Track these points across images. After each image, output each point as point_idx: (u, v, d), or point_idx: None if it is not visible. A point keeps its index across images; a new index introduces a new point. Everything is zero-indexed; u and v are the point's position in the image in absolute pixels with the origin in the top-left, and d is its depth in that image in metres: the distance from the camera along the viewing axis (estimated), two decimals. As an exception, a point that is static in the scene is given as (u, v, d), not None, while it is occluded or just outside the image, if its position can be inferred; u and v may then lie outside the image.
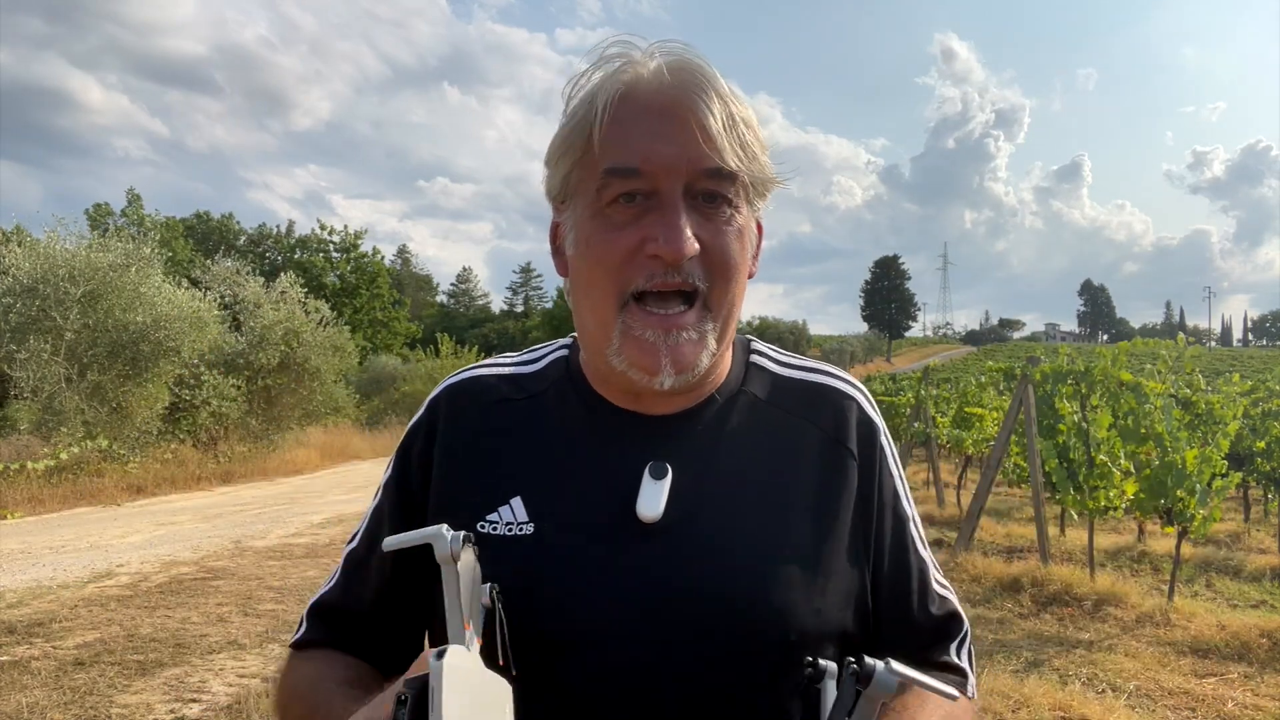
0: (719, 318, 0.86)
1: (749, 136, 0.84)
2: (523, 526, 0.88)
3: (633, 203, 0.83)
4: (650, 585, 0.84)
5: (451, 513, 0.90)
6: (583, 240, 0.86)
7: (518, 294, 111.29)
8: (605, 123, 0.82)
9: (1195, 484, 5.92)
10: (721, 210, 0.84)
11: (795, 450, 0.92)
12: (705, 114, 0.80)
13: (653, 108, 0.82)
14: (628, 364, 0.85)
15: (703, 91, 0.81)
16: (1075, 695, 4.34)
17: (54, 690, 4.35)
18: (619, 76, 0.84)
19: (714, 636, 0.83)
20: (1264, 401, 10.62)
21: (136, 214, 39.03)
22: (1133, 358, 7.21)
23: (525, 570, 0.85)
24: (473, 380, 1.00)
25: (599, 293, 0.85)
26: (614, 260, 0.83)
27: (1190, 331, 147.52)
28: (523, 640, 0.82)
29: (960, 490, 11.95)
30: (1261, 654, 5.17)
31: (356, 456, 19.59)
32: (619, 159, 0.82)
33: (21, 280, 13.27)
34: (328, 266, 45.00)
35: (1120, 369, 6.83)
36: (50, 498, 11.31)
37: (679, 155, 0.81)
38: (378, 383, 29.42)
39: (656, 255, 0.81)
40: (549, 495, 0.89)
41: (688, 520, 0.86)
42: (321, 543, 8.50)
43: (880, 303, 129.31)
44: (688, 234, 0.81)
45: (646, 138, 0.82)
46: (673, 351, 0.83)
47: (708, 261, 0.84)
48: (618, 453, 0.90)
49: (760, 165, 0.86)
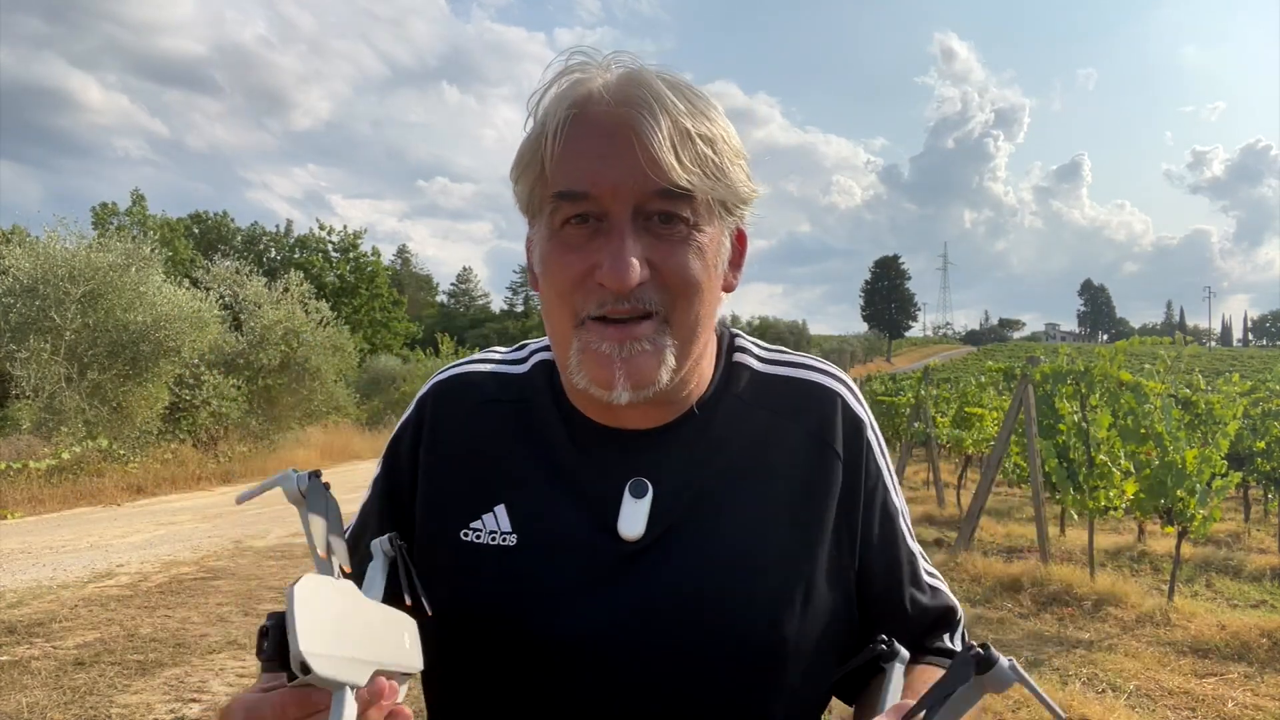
0: (680, 336, 0.83)
1: (708, 152, 0.80)
2: (506, 537, 0.88)
3: (585, 224, 0.81)
4: (631, 603, 0.84)
5: (437, 516, 0.92)
6: (542, 262, 0.86)
7: (518, 294, 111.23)
8: (555, 143, 0.81)
9: (1195, 484, 5.93)
10: (677, 229, 0.81)
11: (778, 456, 0.91)
12: (651, 133, 0.77)
13: (601, 127, 0.80)
14: (586, 380, 0.83)
15: (649, 110, 0.78)
16: (1075, 695, 4.35)
17: (54, 690, 4.35)
18: (570, 94, 0.81)
19: (695, 654, 0.83)
20: (1264, 401, 10.63)
21: (141, 214, 39.04)
22: (1132, 357, 7.21)
23: (507, 581, 0.86)
24: (460, 378, 0.99)
25: (556, 314, 0.85)
26: (566, 285, 0.82)
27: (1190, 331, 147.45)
28: (502, 653, 0.83)
29: (960, 490, 11.95)
30: (1261, 654, 5.17)
31: (356, 456, 19.59)
32: (567, 183, 0.81)
33: (21, 280, 13.26)
34: (326, 266, 44.97)
35: (1120, 369, 6.83)
36: (50, 498, 11.31)
37: (625, 177, 0.79)
38: (378, 383, 29.39)
39: (603, 284, 0.80)
40: (532, 507, 0.89)
41: (668, 538, 0.86)
42: (321, 543, 8.50)
43: (880, 303, 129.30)
44: (633, 262, 0.78)
45: (594, 160, 0.80)
46: (627, 364, 0.81)
47: (662, 282, 0.81)
48: (599, 470, 0.89)
49: (726, 183, 0.82)
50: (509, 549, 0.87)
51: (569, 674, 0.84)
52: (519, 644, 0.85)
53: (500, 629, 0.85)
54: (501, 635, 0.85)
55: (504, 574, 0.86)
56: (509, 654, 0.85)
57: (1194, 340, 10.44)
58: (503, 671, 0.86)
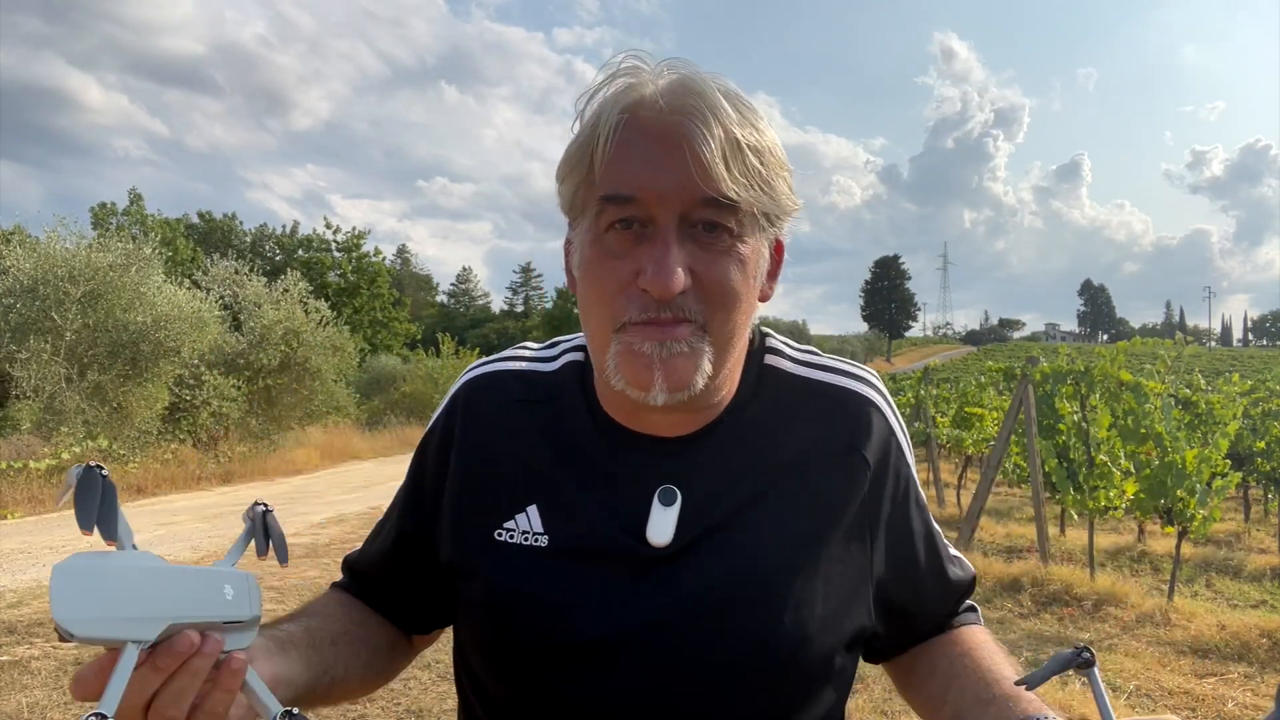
0: (716, 344, 0.84)
1: (756, 164, 0.81)
2: (538, 538, 0.89)
3: (629, 229, 0.82)
4: (658, 609, 0.85)
5: (469, 516, 0.94)
6: (584, 264, 0.86)
7: (518, 294, 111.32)
8: (605, 147, 0.81)
9: (1195, 484, 5.93)
10: (721, 239, 0.82)
11: (807, 463, 0.92)
12: (702, 142, 0.78)
13: (652, 133, 0.80)
14: (624, 381, 0.84)
15: (703, 118, 0.78)
16: (1075, 695, 4.35)
17: (54, 690, 4.35)
18: (622, 98, 0.82)
19: (720, 660, 0.85)
20: (1264, 401, 10.63)
21: (139, 214, 39.03)
22: (1132, 357, 7.21)
23: (538, 581, 0.88)
24: (491, 377, 1.00)
25: (596, 318, 0.86)
26: (608, 290, 0.83)
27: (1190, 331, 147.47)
28: (531, 655, 0.85)
29: (960, 490, 11.96)
30: (1261, 654, 5.17)
31: (356, 456, 19.58)
32: (615, 186, 0.81)
33: (21, 280, 13.26)
34: (330, 266, 45.03)
35: (1120, 369, 6.83)
36: (50, 498, 11.29)
37: (674, 185, 0.79)
38: (378, 383, 29.37)
39: (645, 290, 0.80)
40: (563, 509, 0.90)
41: (696, 546, 0.87)
42: (321, 542, 8.50)
43: (880, 303, 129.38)
44: (676, 269, 0.79)
45: (643, 165, 0.80)
46: (665, 365, 0.81)
47: (703, 292, 0.82)
48: (629, 476, 0.90)
49: (772, 196, 0.83)
50: (541, 550, 0.89)
51: (595, 676, 0.85)
52: (548, 645, 0.86)
53: (530, 629, 0.86)
54: (531, 635, 0.86)
55: (535, 575, 0.88)
56: (537, 654, 0.86)
57: (1194, 340, 10.44)
58: (531, 671, 0.87)
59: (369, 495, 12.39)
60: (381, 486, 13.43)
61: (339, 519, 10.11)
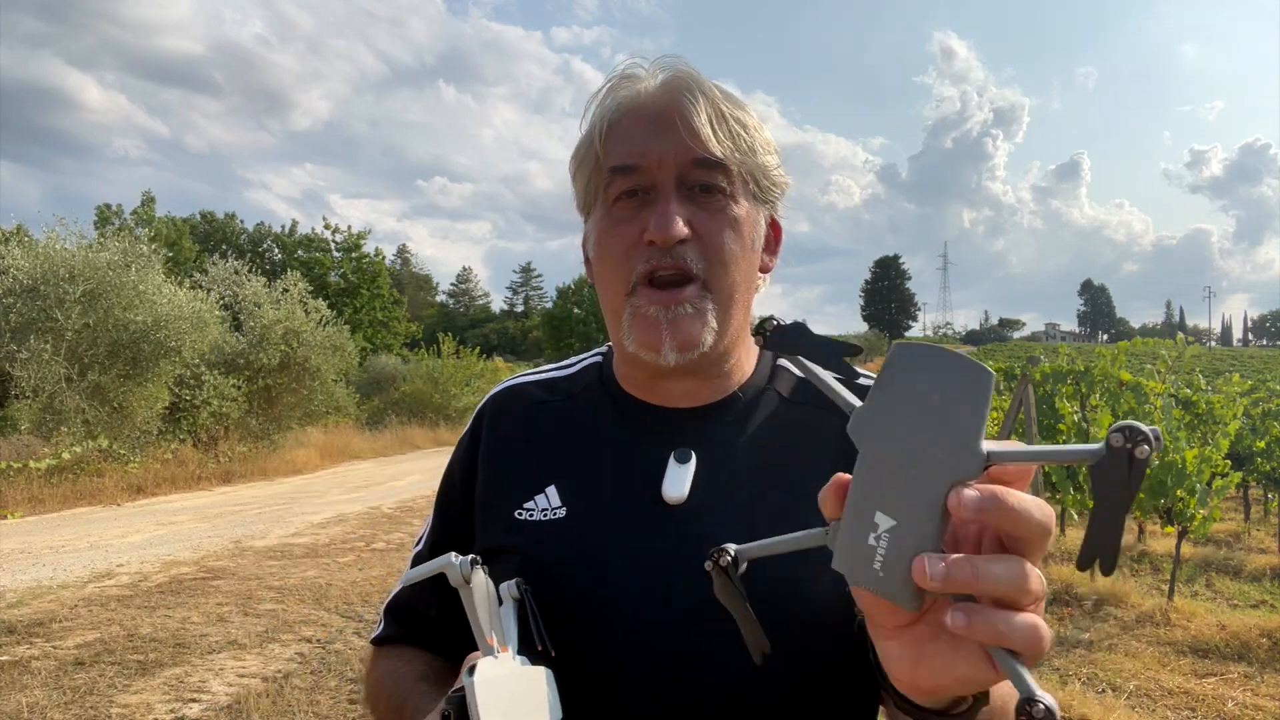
0: (719, 301, 0.91)
1: (741, 132, 0.91)
2: (556, 511, 0.95)
3: (634, 198, 0.92)
4: (676, 563, 0.88)
5: (494, 506, 0.99)
6: (598, 239, 0.96)
7: (518, 294, 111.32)
8: (608, 133, 0.93)
9: (1195, 484, 5.93)
10: (716, 199, 0.91)
11: (816, 438, 0.96)
12: (691, 112, 0.89)
13: (648, 114, 0.92)
14: (637, 344, 0.91)
15: (690, 93, 0.90)
16: (1075, 695, 4.35)
17: (54, 690, 4.35)
18: (621, 93, 0.93)
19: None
20: (1264, 401, 10.63)
21: (149, 215, 39.16)
22: (1133, 357, 7.22)
23: (558, 550, 0.92)
24: (512, 389, 1.09)
25: (611, 283, 0.94)
26: (620, 251, 0.92)
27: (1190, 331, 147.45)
28: (559, 616, 0.87)
29: (960, 490, 11.93)
30: (1261, 654, 5.17)
31: (357, 456, 19.59)
32: (620, 158, 0.92)
33: (21, 280, 13.26)
34: (331, 266, 45.04)
35: (1120, 369, 6.84)
36: (50, 497, 11.31)
37: (670, 149, 0.90)
38: (378, 383, 29.35)
39: (651, 240, 0.89)
40: (581, 482, 0.96)
41: (711, 502, 0.91)
42: (322, 543, 8.50)
43: (880, 302, 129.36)
44: (676, 218, 0.88)
45: (642, 139, 0.91)
46: (672, 326, 0.89)
47: (701, 247, 0.90)
48: (645, 442, 0.96)
49: (756, 160, 0.93)
50: (559, 520, 0.94)
51: (623, 634, 0.88)
52: (571, 607, 0.89)
53: (552, 593, 0.89)
54: (554, 599, 0.89)
55: (555, 543, 0.93)
56: (561, 619, 0.88)
57: (1195, 340, 10.44)
58: (556, 636, 0.88)
59: (369, 495, 12.39)
60: (381, 486, 13.43)
61: (339, 519, 10.11)
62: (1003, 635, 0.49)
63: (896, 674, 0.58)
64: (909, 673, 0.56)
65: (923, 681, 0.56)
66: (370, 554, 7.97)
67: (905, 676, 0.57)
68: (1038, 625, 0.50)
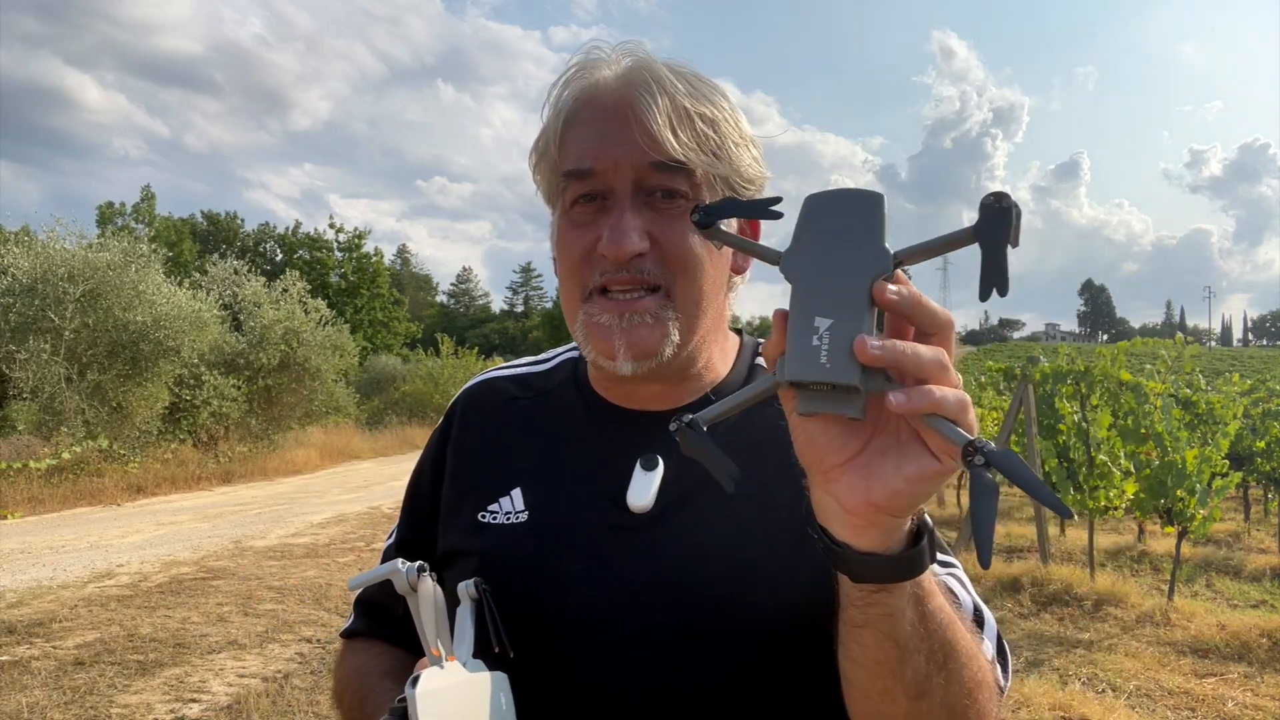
0: (683, 309, 0.86)
1: (707, 131, 0.85)
2: (519, 515, 0.92)
3: (592, 202, 0.86)
4: (636, 572, 0.85)
5: (459, 506, 0.97)
6: (556, 242, 0.91)
7: (518, 294, 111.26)
8: (563, 129, 0.87)
9: (1195, 484, 5.93)
10: (678, 204, 0.85)
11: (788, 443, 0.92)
12: (647, 110, 0.82)
13: (604, 110, 0.85)
14: (592, 351, 0.87)
15: (648, 89, 0.83)
16: (1075, 695, 4.35)
17: (54, 690, 4.35)
18: (579, 82, 0.87)
19: (697, 623, 0.84)
20: (1264, 401, 10.64)
21: (149, 212, 39.19)
22: (1132, 358, 7.22)
23: (518, 556, 0.89)
24: (485, 384, 1.06)
25: (567, 290, 0.89)
26: (574, 260, 0.87)
27: (1190, 331, 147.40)
28: (518, 622, 0.85)
29: (960, 490, 11.95)
30: (1261, 654, 5.17)
31: (356, 456, 19.59)
32: (574, 162, 0.86)
33: (21, 280, 13.25)
34: (331, 265, 45.08)
35: (1120, 369, 6.84)
36: (50, 498, 11.31)
37: (625, 153, 0.83)
38: (378, 383, 29.38)
39: (604, 255, 0.84)
40: (545, 486, 0.93)
41: (676, 510, 0.87)
42: (321, 542, 8.50)
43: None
44: (630, 232, 0.82)
45: (597, 139, 0.85)
46: (627, 335, 0.84)
47: (663, 257, 0.85)
48: (612, 447, 0.92)
49: (725, 161, 0.86)
50: (520, 525, 0.91)
51: (576, 643, 0.85)
52: (530, 615, 0.86)
53: (511, 599, 0.87)
54: (512, 605, 0.87)
55: (514, 549, 0.90)
56: (520, 624, 0.86)
57: (1195, 341, 10.43)
58: (517, 635, 0.87)
59: (369, 495, 12.39)
60: (381, 486, 13.43)
61: (340, 519, 10.11)
62: (938, 403, 0.55)
63: (850, 505, 0.61)
64: (863, 494, 0.60)
65: (877, 493, 0.60)
66: (370, 554, 7.97)
67: (860, 500, 0.61)
68: (962, 395, 0.57)
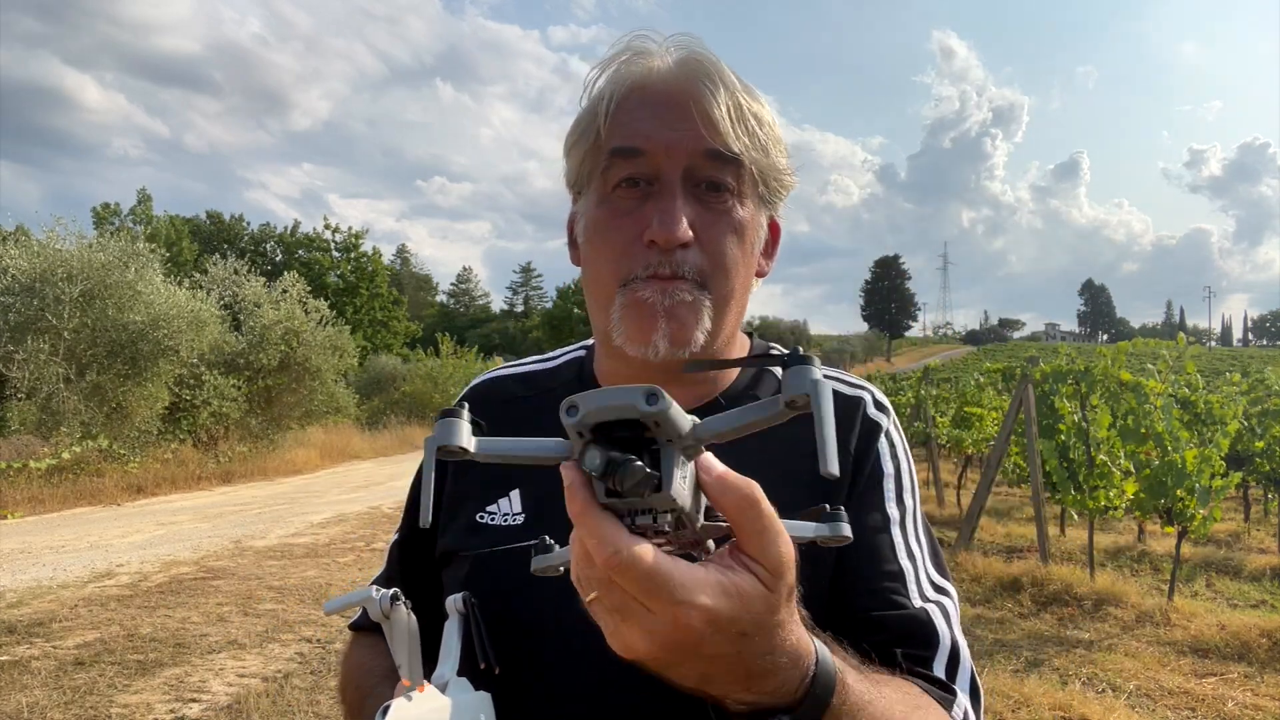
0: (715, 303, 0.86)
1: (757, 128, 0.85)
2: (516, 517, 0.92)
3: (636, 188, 0.85)
4: None
5: (459, 508, 0.96)
6: (591, 226, 0.89)
7: (518, 294, 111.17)
8: (613, 110, 0.85)
9: (1195, 484, 5.93)
10: (723, 199, 0.85)
11: (795, 449, 0.91)
12: (709, 100, 0.82)
13: (659, 95, 0.85)
14: (625, 335, 0.86)
15: (709, 80, 0.83)
16: (1075, 695, 4.35)
17: (54, 690, 4.35)
18: (630, 68, 0.87)
19: None
20: (1264, 401, 10.63)
21: (146, 213, 39.21)
22: (1133, 358, 7.22)
23: (509, 559, 0.89)
24: (490, 383, 1.06)
25: (604, 276, 0.88)
26: (615, 248, 0.86)
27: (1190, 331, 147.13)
28: (510, 625, 0.85)
29: (960, 490, 11.96)
30: (1261, 654, 5.17)
31: (356, 456, 19.59)
32: (624, 139, 0.85)
33: (20, 280, 13.24)
34: (330, 265, 45.09)
35: (1120, 369, 6.84)
36: (50, 498, 11.30)
37: (681, 137, 0.83)
38: (378, 383, 29.37)
39: (652, 241, 0.83)
40: (544, 488, 0.92)
41: None
42: (322, 542, 8.50)
43: (880, 302, 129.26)
44: (682, 219, 0.82)
45: (650, 122, 0.84)
46: (669, 312, 0.83)
47: (703, 250, 0.85)
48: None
49: (769, 159, 0.87)
50: (515, 528, 0.91)
51: (563, 640, 0.84)
52: (516, 619, 0.86)
53: (500, 605, 0.86)
54: (501, 611, 0.86)
55: (506, 551, 0.89)
56: (508, 630, 0.86)
57: (1195, 340, 10.42)
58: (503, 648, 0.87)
59: (369, 495, 12.38)
60: (381, 486, 13.43)
61: (340, 519, 10.11)
62: None
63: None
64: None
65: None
66: (370, 554, 7.97)
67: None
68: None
